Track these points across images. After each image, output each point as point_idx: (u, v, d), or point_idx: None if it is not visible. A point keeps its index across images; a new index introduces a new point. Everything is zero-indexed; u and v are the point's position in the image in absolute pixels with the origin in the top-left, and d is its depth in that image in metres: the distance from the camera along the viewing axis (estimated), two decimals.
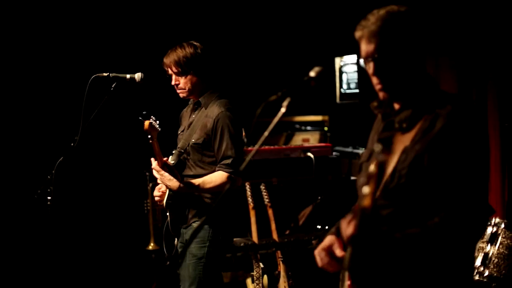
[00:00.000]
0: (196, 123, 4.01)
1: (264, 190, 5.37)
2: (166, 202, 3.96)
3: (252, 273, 5.06)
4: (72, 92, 5.38)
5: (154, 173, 3.92)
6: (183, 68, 3.94)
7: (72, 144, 3.94)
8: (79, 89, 4.08)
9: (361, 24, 2.31)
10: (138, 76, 4.02)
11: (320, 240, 2.56)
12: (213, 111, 3.94)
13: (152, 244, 6.41)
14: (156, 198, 4.05)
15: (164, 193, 3.98)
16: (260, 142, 2.36)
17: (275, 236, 5.29)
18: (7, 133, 6.31)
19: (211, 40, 4.12)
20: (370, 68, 2.31)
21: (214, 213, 3.92)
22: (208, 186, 3.86)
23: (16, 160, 6.33)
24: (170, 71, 4.00)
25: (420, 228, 2.16)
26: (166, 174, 3.87)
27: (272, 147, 6.14)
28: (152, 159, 3.92)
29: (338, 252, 2.35)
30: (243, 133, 4.21)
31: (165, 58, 3.99)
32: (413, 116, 2.29)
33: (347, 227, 2.15)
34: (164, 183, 3.91)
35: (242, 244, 5.14)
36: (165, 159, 3.94)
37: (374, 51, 2.27)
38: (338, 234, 2.47)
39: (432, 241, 2.16)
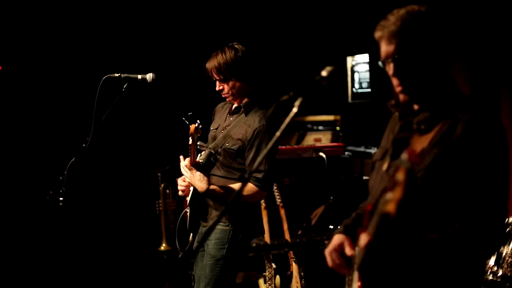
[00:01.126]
0: (234, 128, 3.95)
1: (276, 190, 5.36)
2: (190, 198, 3.94)
3: (264, 274, 5.05)
4: (83, 92, 5.38)
5: (184, 171, 3.89)
6: (225, 74, 3.86)
7: (84, 145, 3.94)
8: (91, 90, 4.07)
9: (381, 24, 2.27)
10: (149, 76, 3.99)
11: (328, 239, 2.53)
12: (254, 121, 3.88)
13: (164, 244, 6.42)
14: (180, 188, 4.02)
15: (188, 186, 3.96)
16: (272, 142, 2.34)
17: (287, 236, 5.27)
18: (20, 134, 6.33)
19: (223, 39, 4.08)
20: (390, 69, 2.27)
21: (234, 215, 3.91)
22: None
23: (28, 161, 6.36)
24: (213, 78, 3.96)
25: (439, 234, 2.13)
26: (198, 173, 3.84)
27: (284, 147, 6.12)
28: (181, 157, 3.91)
29: (348, 250, 2.33)
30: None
31: (207, 64, 3.92)
32: (432, 118, 2.25)
33: (363, 236, 2.10)
34: (193, 182, 3.86)
35: (254, 245, 5.13)
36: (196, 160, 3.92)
37: (394, 52, 2.23)
38: (346, 232, 2.45)
39: (449, 248, 2.13)
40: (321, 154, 5.93)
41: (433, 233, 2.13)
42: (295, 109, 2.32)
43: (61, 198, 3.94)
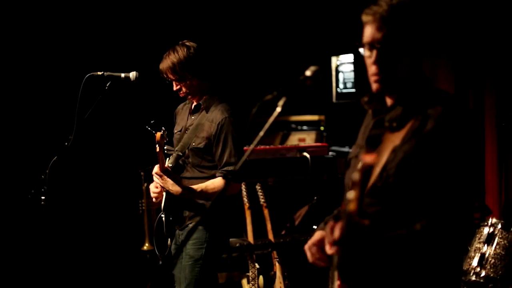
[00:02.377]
0: (197, 126, 3.93)
1: (260, 190, 5.35)
2: (164, 204, 3.91)
3: (247, 274, 5.03)
4: (66, 91, 5.35)
5: (155, 178, 3.84)
6: (180, 74, 3.84)
7: (66, 144, 3.91)
8: (74, 88, 4.05)
9: (372, 9, 2.24)
10: (132, 75, 3.97)
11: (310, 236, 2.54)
12: (216, 115, 3.86)
13: (147, 244, 6.39)
14: (153, 195, 3.99)
15: (161, 191, 3.93)
16: (255, 141, 2.33)
17: (270, 236, 5.26)
18: (1, 132, 6.27)
19: (206, 38, 4.06)
20: (372, 56, 2.26)
21: (211, 214, 3.88)
22: (210, 192, 3.80)
23: (10, 159, 6.30)
24: (168, 79, 3.93)
25: (407, 230, 2.13)
26: (169, 179, 3.78)
27: (267, 146, 6.12)
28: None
29: (328, 248, 2.33)
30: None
31: (160, 65, 3.89)
32: (404, 115, 2.25)
33: (335, 230, 2.13)
34: (167, 187, 3.81)
35: (237, 245, 5.12)
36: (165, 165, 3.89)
37: (380, 39, 2.22)
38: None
39: (417, 244, 2.14)
40: (305, 154, 5.93)
41: (403, 229, 2.14)
42: (279, 109, 2.32)
43: (43, 197, 3.92)
